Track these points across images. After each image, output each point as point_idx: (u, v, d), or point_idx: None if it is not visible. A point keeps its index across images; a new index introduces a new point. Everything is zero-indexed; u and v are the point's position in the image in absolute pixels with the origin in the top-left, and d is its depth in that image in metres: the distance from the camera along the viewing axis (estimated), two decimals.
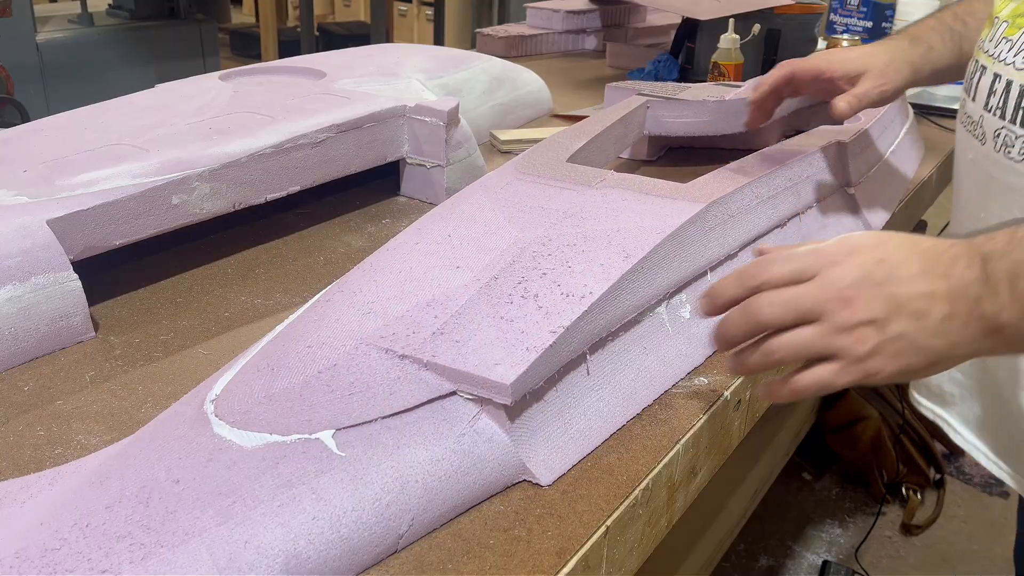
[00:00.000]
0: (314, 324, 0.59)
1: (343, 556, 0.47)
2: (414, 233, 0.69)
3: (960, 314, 0.49)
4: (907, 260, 0.51)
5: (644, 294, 0.65)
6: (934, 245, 0.51)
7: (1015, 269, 0.47)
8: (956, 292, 0.49)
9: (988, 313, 0.48)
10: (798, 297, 0.52)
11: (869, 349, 0.50)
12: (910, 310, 0.50)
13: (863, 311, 0.50)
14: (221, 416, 0.52)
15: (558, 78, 1.66)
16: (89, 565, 0.42)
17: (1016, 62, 0.67)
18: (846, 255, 0.52)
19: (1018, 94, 0.66)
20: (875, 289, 0.50)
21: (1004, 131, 0.67)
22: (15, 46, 3.04)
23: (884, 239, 0.53)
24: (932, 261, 0.50)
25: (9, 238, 0.67)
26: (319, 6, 5.30)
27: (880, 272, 0.51)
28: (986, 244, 0.49)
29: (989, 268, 0.48)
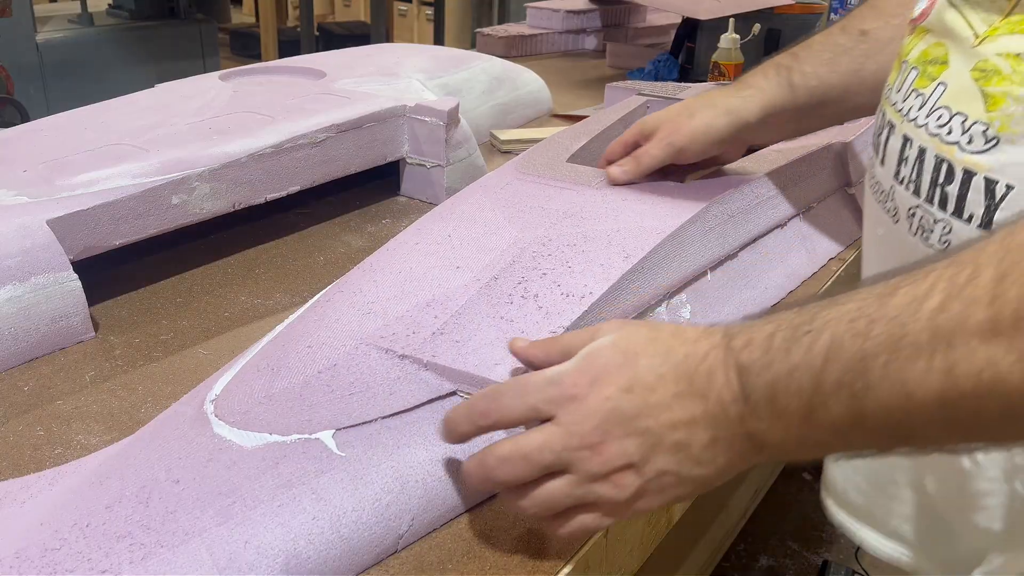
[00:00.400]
0: (314, 324, 0.59)
1: (343, 556, 0.47)
2: (414, 233, 0.69)
3: (723, 438, 0.43)
4: (659, 382, 0.44)
5: (644, 294, 0.65)
6: (688, 354, 0.44)
7: (774, 385, 0.40)
8: (716, 415, 0.42)
9: (752, 432, 0.42)
10: (538, 451, 0.44)
11: (631, 494, 0.44)
12: (669, 443, 0.43)
13: (616, 456, 0.44)
14: (221, 416, 0.52)
15: (558, 78, 1.65)
16: (89, 565, 0.42)
17: (929, 124, 0.51)
18: (588, 386, 0.44)
19: (934, 167, 0.50)
20: (626, 426, 0.43)
21: (919, 211, 0.52)
22: (15, 46, 3.04)
23: (631, 354, 0.45)
24: (687, 379, 0.43)
25: (9, 238, 0.67)
26: (319, 6, 5.29)
27: (629, 404, 0.44)
28: (743, 353, 0.42)
29: (747, 384, 0.41)
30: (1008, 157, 0.46)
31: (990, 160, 0.46)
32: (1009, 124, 0.46)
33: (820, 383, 0.38)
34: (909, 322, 0.35)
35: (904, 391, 0.36)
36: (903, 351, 0.35)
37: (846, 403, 0.37)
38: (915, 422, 0.36)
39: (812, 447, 0.41)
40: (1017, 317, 0.32)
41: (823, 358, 0.38)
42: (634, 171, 0.76)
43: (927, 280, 0.36)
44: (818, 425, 0.39)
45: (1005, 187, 0.46)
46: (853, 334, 0.37)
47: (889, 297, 0.37)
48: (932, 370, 0.34)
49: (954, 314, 0.34)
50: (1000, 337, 0.33)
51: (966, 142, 0.48)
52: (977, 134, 0.47)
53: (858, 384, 0.37)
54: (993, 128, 0.46)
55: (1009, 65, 0.46)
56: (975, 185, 0.47)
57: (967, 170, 0.48)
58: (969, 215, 0.48)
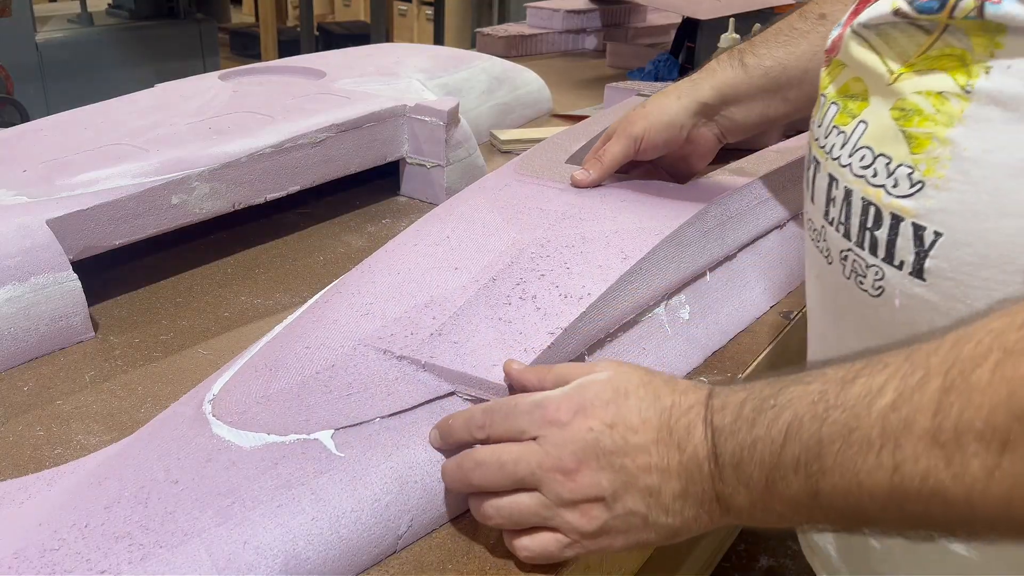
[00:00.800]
0: (312, 325, 0.59)
1: (342, 556, 0.47)
2: (413, 234, 0.69)
3: (694, 493, 0.43)
4: (642, 425, 0.44)
5: (642, 295, 0.65)
6: (675, 404, 0.44)
7: (739, 453, 0.40)
8: (690, 469, 0.43)
9: (720, 493, 0.42)
10: (513, 463, 0.46)
11: (598, 527, 0.45)
12: (642, 485, 0.44)
13: (588, 486, 0.44)
14: (219, 416, 0.52)
15: (558, 78, 1.65)
16: (88, 566, 0.42)
17: (853, 165, 0.48)
18: (573, 414, 0.45)
19: (862, 210, 0.47)
20: (603, 460, 0.44)
21: (851, 255, 0.49)
22: (15, 46, 3.04)
23: (621, 393, 0.46)
24: (668, 428, 0.44)
25: (9, 238, 0.67)
26: (319, 6, 5.29)
27: (610, 440, 0.44)
28: (717, 415, 0.42)
29: (718, 447, 0.42)
30: (935, 203, 0.43)
31: (916, 205, 0.44)
32: (935, 168, 0.43)
33: (780, 459, 0.39)
34: (863, 414, 0.36)
35: (856, 480, 0.36)
36: (855, 442, 0.36)
37: (803, 481, 0.38)
38: (867, 508, 0.37)
39: (776, 517, 0.41)
40: (956, 434, 0.33)
41: (783, 435, 0.39)
42: (597, 170, 0.76)
43: (883, 374, 0.36)
44: (778, 497, 0.39)
45: (934, 234, 0.43)
46: (812, 416, 0.38)
47: (849, 385, 0.37)
48: (881, 466, 0.35)
49: (902, 416, 0.34)
50: (941, 449, 0.33)
51: (891, 185, 0.45)
52: (902, 177, 0.44)
53: (814, 466, 0.37)
54: (919, 171, 0.44)
55: (931, 105, 0.43)
56: (903, 231, 0.45)
57: (894, 215, 0.45)
58: (900, 262, 0.46)
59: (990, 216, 0.42)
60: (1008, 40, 0.40)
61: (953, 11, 0.42)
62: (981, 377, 0.33)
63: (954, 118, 0.42)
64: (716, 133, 0.78)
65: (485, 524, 0.49)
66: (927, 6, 0.43)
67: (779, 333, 0.74)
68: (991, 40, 0.41)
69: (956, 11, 0.42)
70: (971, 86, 0.42)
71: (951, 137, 0.42)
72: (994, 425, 0.32)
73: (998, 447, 0.32)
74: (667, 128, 0.75)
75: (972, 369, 0.33)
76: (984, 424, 0.32)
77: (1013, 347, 0.32)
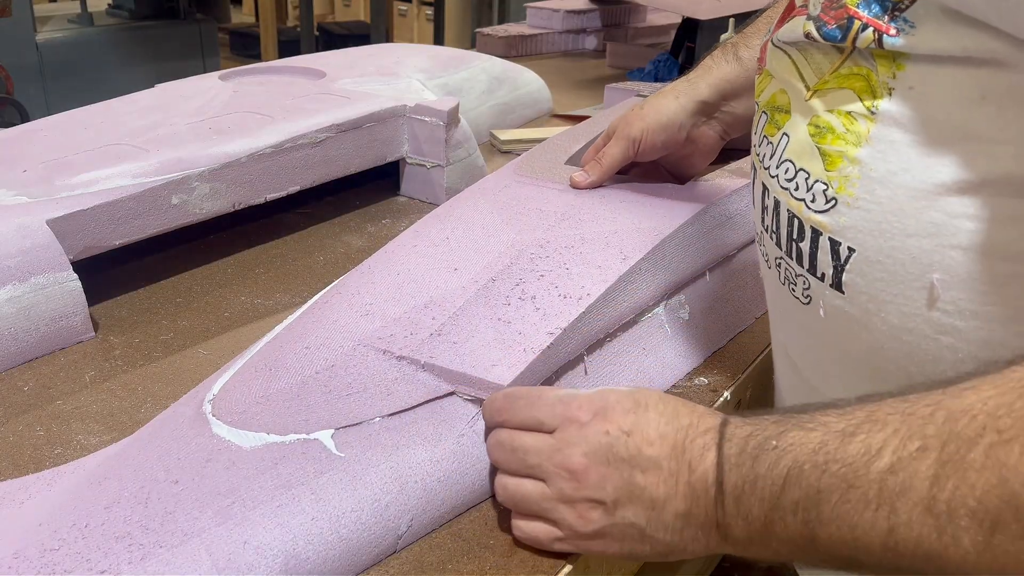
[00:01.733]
0: (312, 325, 0.59)
1: (342, 556, 0.47)
2: (412, 235, 0.69)
3: (696, 515, 0.43)
4: (658, 439, 0.44)
5: (642, 295, 0.65)
6: (692, 425, 0.44)
7: (740, 486, 0.41)
8: (696, 490, 0.43)
9: (721, 522, 0.42)
10: (525, 452, 0.48)
11: (593, 531, 0.46)
12: (645, 499, 0.44)
13: (591, 489, 0.45)
14: (219, 416, 0.52)
15: (558, 78, 1.65)
16: (88, 565, 0.42)
17: (779, 177, 0.48)
18: (592, 415, 0.46)
19: (788, 221, 0.48)
20: (612, 466, 0.45)
21: (783, 263, 0.50)
22: (15, 46, 3.04)
23: (641, 405, 0.46)
24: (682, 447, 0.44)
25: (9, 238, 0.67)
26: (319, 6, 5.30)
27: (624, 447, 0.45)
28: (727, 444, 0.43)
29: (723, 475, 0.42)
30: (847, 220, 0.44)
31: (831, 221, 0.45)
32: (846, 186, 0.44)
33: (779, 500, 0.39)
34: (861, 473, 0.37)
35: (852, 534, 0.37)
36: (852, 498, 0.37)
37: (801, 525, 0.39)
38: (863, 560, 0.38)
39: (772, 553, 0.41)
40: (950, 508, 0.34)
41: (783, 478, 0.39)
42: (596, 172, 0.76)
43: (881, 434, 0.37)
44: (776, 535, 0.40)
45: (847, 250, 0.45)
46: (812, 465, 0.38)
47: (849, 439, 0.38)
48: (876, 525, 0.36)
49: (899, 481, 0.35)
50: (936, 520, 0.34)
51: (810, 200, 0.46)
52: (819, 193, 0.46)
53: (812, 513, 0.38)
54: (832, 188, 0.45)
55: (842, 124, 0.44)
56: (822, 245, 0.46)
57: (814, 228, 0.46)
58: (822, 274, 0.47)
59: (896, 235, 0.43)
60: (910, 64, 0.41)
61: (855, 41, 0.43)
62: (975, 459, 0.34)
63: (862, 138, 0.43)
64: (718, 131, 0.77)
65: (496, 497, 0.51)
66: (831, 34, 0.44)
67: None
68: (893, 63, 0.42)
69: (858, 41, 0.43)
70: (876, 107, 0.43)
71: (859, 157, 0.43)
72: (986, 506, 0.33)
73: (990, 526, 0.33)
74: (665, 129, 0.75)
75: (968, 449, 0.34)
76: (977, 503, 0.33)
77: (1006, 431, 0.33)
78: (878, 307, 0.45)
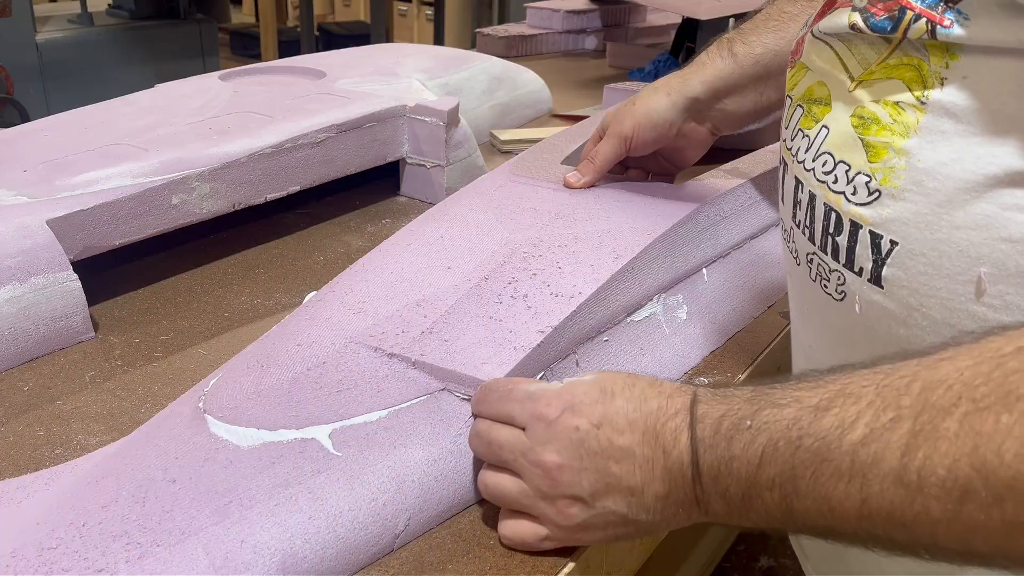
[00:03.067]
0: (305, 323, 0.59)
1: (339, 555, 0.47)
2: (407, 234, 0.70)
3: (675, 494, 0.43)
4: (628, 427, 0.44)
5: (635, 294, 0.65)
6: (661, 408, 0.44)
7: (716, 466, 0.41)
8: (673, 472, 0.43)
9: (701, 499, 0.43)
10: (499, 446, 0.48)
11: (576, 524, 0.46)
12: (624, 486, 0.44)
13: (567, 486, 0.45)
14: (210, 411, 0.52)
15: (558, 78, 1.65)
16: (85, 564, 0.42)
17: (816, 170, 0.48)
18: (561, 410, 0.46)
19: (824, 215, 0.48)
20: (585, 460, 0.44)
21: (816, 258, 0.50)
22: (15, 46, 3.04)
23: (608, 393, 0.46)
24: (654, 432, 0.44)
25: (9, 238, 0.67)
26: (319, 6, 5.30)
27: (595, 441, 0.44)
28: (699, 426, 0.43)
29: (699, 457, 0.42)
30: (891, 212, 0.44)
31: (873, 214, 0.45)
32: (891, 177, 0.44)
33: (756, 478, 0.40)
34: (834, 446, 0.37)
35: (828, 505, 0.38)
36: (826, 471, 0.37)
37: (778, 500, 0.39)
38: (840, 528, 0.38)
39: (753, 524, 0.42)
40: (920, 477, 0.34)
41: (759, 457, 0.40)
42: (590, 172, 0.76)
43: (855, 408, 0.37)
44: (754, 509, 0.41)
45: (890, 243, 0.44)
46: (787, 441, 0.39)
47: (823, 413, 0.38)
48: (850, 496, 0.37)
49: (871, 453, 0.36)
50: (906, 489, 0.35)
51: (851, 193, 0.46)
52: (860, 185, 0.45)
53: (788, 487, 0.39)
54: (876, 180, 0.44)
55: (888, 114, 0.44)
56: (862, 238, 0.45)
57: (853, 222, 0.46)
58: (859, 268, 0.46)
59: (942, 227, 0.42)
60: (963, 55, 0.41)
61: (906, 32, 0.42)
62: (949, 428, 0.34)
63: (910, 128, 0.43)
64: (709, 127, 0.77)
65: None
66: (880, 25, 0.44)
67: (778, 333, 0.74)
68: (946, 53, 0.41)
69: (909, 32, 0.42)
70: (926, 97, 0.42)
71: (907, 148, 0.43)
72: (956, 475, 0.33)
73: (959, 495, 0.33)
74: (656, 127, 0.75)
75: (942, 418, 0.34)
76: (947, 472, 0.33)
77: (981, 400, 0.33)
78: (920, 301, 0.44)
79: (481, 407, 0.51)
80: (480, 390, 0.52)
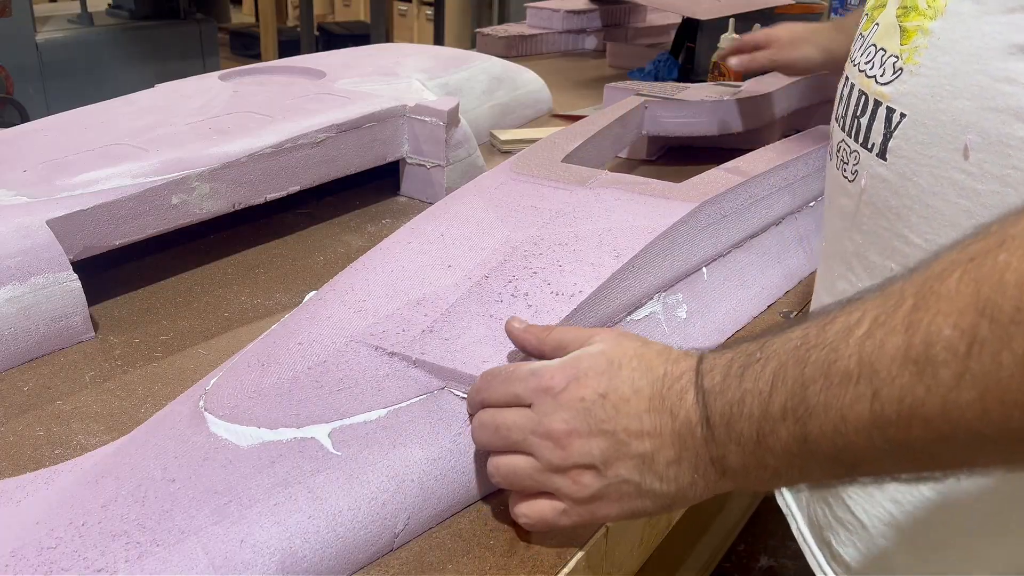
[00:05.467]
0: (306, 321, 0.60)
1: (339, 554, 0.47)
2: (407, 232, 0.70)
3: (688, 458, 0.43)
4: (635, 395, 0.45)
5: (635, 293, 0.65)
6: (667, 373, 0.45)
7: (728, 411, 0.41)
8: (683, 434, 0.43)
9: (714, 456, 0.42)
10: (508, 429, 0.47)
11: (590, 494, 0.45)
12: (634, 452, 0.44)
13: (579, 454, 0.45)
14: (211, 409, 0.52)
15: (558, 78, 1.66)
16: (85, 564, 0.42)
17: (860, 62, 0.54)
18: (566, 382, 0.46)
19: (856, 100, 0.53)
20: (593, 428, 0.45)
21: (843, 145, 0.55)
22: (15, 46, 3.04)
23: (615, 364, 0.46)
24: (660, 397, 0.44)
25: (9, 238, 0.67)
26: (319, 6, 5.30)
27: (601, 409, 0.45)
28: (706, 377, 0.43)
29: (709, 408, 0.42)
30: (907, 87, 0.49)
31: (892, 90, 0.50)
32: (913, 55, 0.49)
33: (768, 409, 0.39)
34: (840, 348, 0.37)
35: (840, 416, 0.37)
36: (835, 377, 0.37)
37: (791, 428, 0.38)
38: (854, 447, 0.37)
39: (770, 473, 0.41)
40: (926, 346, 0.33)
41: (770, 385, 0.39)
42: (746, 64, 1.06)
43: (859, 310, 0.37)
44: (770, 450, 0.40)
45: (899, 116, 0.49)
46: (795, 360, 0.38)
47: (829, 325, 0.38)
48: (861, 396, 0.36)
49: (876, 341, 0.35)
50: (914, 365, 0.34)
51: (880, 74, 0.51)
52: (888, 66, 0.50)
53: (800, 409, 0.38)
54: (901, 60, 0.49)
55: (925, 2, 0.49)
56: (879, 115, 0.51)
57: (876, 100, 0.51)
58: (872, 144, 0.51)
59: (944, 97, 0.46)
60: None
61: None
62: (949, 287, 0.34)
63: (938, 12, 0.48)
64: None
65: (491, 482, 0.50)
66: None
67: None
68: None
69: None
70: None
71: (932, 28, 0.48)
72: (961, 328, 0.33)
73: (964, 350, 0.32)
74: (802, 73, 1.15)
75: (940, 283, 0.34)
76: (952, 329, 0.33)
77: (976, 255, 0.34)
78: (913, 170, 0.48)
79: (484, 394, 0.50)
80: (480, 378, 0.51)
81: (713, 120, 1.14)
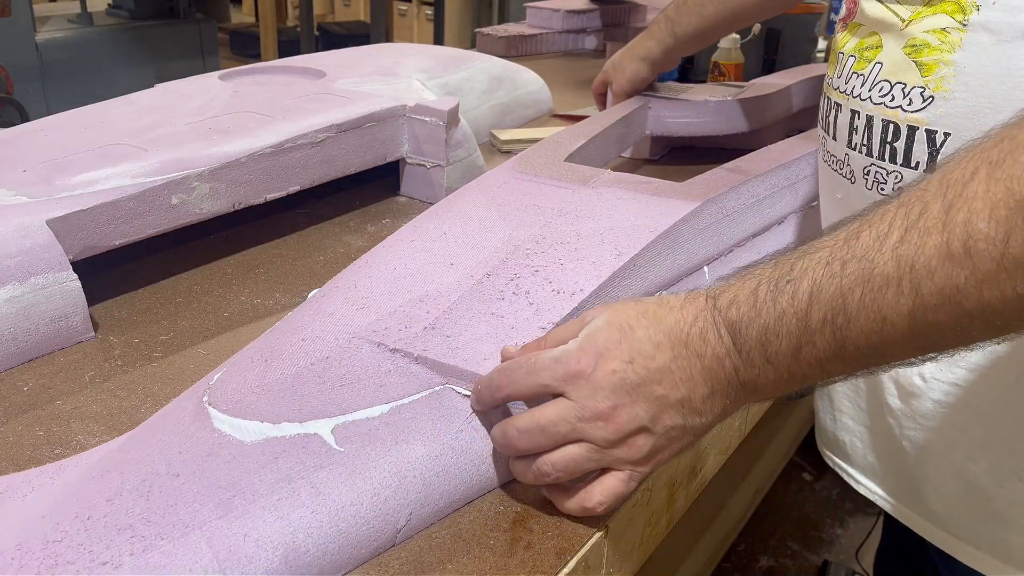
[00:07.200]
0: (309, 318, 0.60)
1: (342, 549, 0.47)
2: (410, 231, 0.70)
3: (720, 389, 0.47)
4: (656, 349, 0.47)
5: (637, 292, 0.66)
6: (678, 320, 0.48)
7: (764, 333, 0.45)
8: (713, 370, 0.47)
9: (746, 380, 0.47)
10: (553, 424, 0.48)
11: (647, 452, 0.49)
12: (674, 401, 0.47)
13: (628, 422, 0.47)
14: (215, 404, 0.53)
15: (558, 78, 1.66)
16: (90, 557, 0.43)
17: (873, 96, 0.60)
18: (593, 361, 0.48)
19: (882, 129, 0.60)
20: (634, 394, 0.47)
21: (873, 168, 0.61)
22: (15, 46, 3.05)
23: (627, 328, 0.48)
24: (682, 343, 0.47)
25: (9, 238, 0.67)
26: (319, 6, 5.30)
27: (634, 374, 0.47)
28: (730, 310, 0.46)
29: (739, 338, 0.46)
30: (943, 111, 0.56)
31: (928, 115, 0.57)
32: (942, 84, 0.56)
33: (807, 324, 0.43)
34: (876, 257, 0.41)
35: (880, 316, 0.41)
36: (875, 282, 0.41)
37: (830, 337, 0.43)
38: (888, 343, 0.42)
39: (799, 382, 0.46)
40: (965, 238, 0.38)
41: (807, 302, 0.43)
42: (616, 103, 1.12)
43: (885, 220, 0.41)
44: (804, 361, 0.44)
45: (943, 135, 0.56)
46: (830, 275, 0.42)
47: (855, 240, 0.42)
48: (902, 294, 0.40)
49: (912, 244, 0.40)
50: (953, 257, 0.38)
51: (907, 104, 0.58)
52: (916, 96, 0.57)
53: (840, 318, 0.42)
54: (929, 89, 0.57)
55: (937, 39, 0.56)
56: (919, 137, 0.58)
57: (911, 126, 0.58)
58: (916, 163, 0.58)
59: (987, 113, 0.54)
60: None
61: None
62: (977, 188, 0.38)
63: (955, 46, 0.55)
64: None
65: (540, 483, 0.51)
66: None
67: None
68: None
69: None
70: (967, 20, 0.55)
71: (954, 60, 0.55)
72: (997, 220, 0.37)
73: (1003, 238, 0.37)
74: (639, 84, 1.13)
75: (966, 186, 0.39)
76: (987, 223, 0.38)
77: (997, 158, 0.38)
78: None
79: (508, 389, 0.50)
80: (497, 374, 0.51)
81: (717, 120, 1.14)
